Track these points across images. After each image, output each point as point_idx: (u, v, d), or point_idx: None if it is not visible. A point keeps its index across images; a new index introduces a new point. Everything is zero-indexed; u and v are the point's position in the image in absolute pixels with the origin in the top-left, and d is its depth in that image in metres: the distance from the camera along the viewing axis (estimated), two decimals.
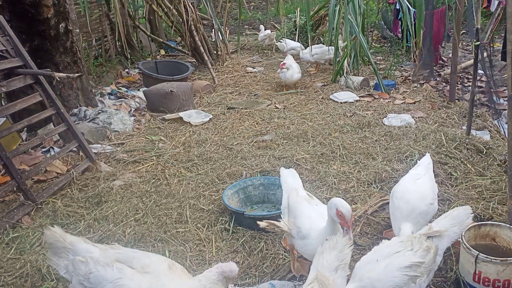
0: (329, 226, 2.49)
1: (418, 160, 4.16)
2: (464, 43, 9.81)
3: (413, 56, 7.54)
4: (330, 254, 2.19)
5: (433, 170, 3.27)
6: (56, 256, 2.39)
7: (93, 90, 6.49)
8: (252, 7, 16.70)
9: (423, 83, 7.17)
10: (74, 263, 2.29)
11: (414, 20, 6.72)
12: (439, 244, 2.43)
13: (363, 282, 2.22)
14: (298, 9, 10.36)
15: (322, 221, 2.60)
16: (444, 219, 2.55)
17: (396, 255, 2.30)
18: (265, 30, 10.51)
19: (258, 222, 2.68)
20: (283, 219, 2.80)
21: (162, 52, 10.56)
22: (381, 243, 2.45)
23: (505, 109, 5.21)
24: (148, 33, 9.63)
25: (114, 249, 2.37)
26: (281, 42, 9.24)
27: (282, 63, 6.99)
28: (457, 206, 3.44)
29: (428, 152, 3.48)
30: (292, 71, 6.88)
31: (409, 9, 6.67)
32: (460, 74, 7.62)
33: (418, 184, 3.02)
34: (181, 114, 5.89)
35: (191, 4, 8.11)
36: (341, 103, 6.19)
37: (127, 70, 8.74)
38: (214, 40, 9.35)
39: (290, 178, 3.08)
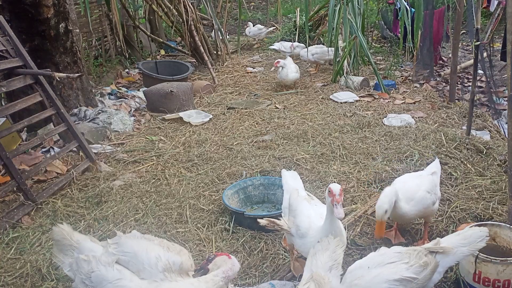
0: (327, 221, 2.50)
1: (418, 160, 4.19)
2: (464, 43, 9.81)
3: (410, 55, 7.54)
4: (323, 255, 2.19)
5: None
6: (61, 253, 2.41)
7: (93, 90, 6.49)
8: (252, 7, 16.70)
9: (423, 83, 7.17)
10: (77, 261, 2.30)
11: (412, 20, 6.73)
12: (442, 261, 2.31)
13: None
14: (298, 9, 10.37)
15: (321, 220, 2.61)
16: (455, 236, 2.42)
17: (389, 266, 2.24)
18: (253, 26, 10.90)
19: (259, 220, 2.68)
20: (283, 218, 2.81)
21: (162, 52, 10.56)
22: (378, 250, 2.40)
23: (505, 109, 5.21)
24: (148, 33, 9.62)
25: (114, 243, 2.36)
26: (278, 45, 9.08)
27: (276, 61, 7.01)
28: (457, 206, 3.46)
29: (435, 157, 3.49)
30: (287, 70, 6.89)
31: (406, 9, 6.68)
32: (460, 74, 7.62)
33: (418, 177, 3.12)
34: (181, 114, 5.89)
35: (191, 4, 8.11)
36: (341, 103, 6.19)
37: (127, 70, 8.74)
38: (214, 39, 9.35)
39: (291, 180, 3.10)
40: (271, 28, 11.05)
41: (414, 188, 2.97)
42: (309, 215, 2.70)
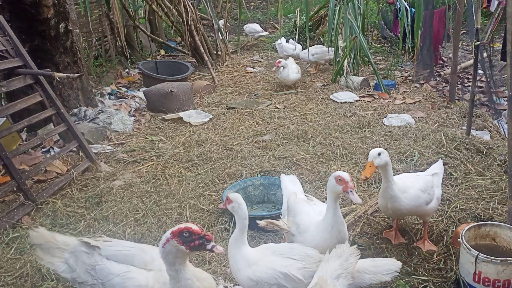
0: (330, 212, 2.50)
1: (418, 160, 4.19)
2: (464, 43, 9.81)
3: (409, 56, 7.55)
4: (335, 262, 2.19)
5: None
6: (48, 255, 2.38)
7: (93, 90, 6.49)
8: (252, 7, 16.69)
9: (423, 83, 7.17)
10: (77, 254, 2.30)
11: (413, 20, 6.72)
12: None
13: (256, 265, 2.35)
14: (298, 9, 10.36)
15: (321, 217, 2.62)
16: (369, 262, 2.37)
17: (287, 259, 2.34)
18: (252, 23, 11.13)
19: (258, 222, 2.69)
20: (282, 219, 2.82)
21: (162, 52, 10.56)
22: (291, 244, 2.55)
23: (505, 109, 5.21)
24: (148, 33, 9.62)
25: (107, 241, 2.37)
26: (279, 48, 9.06)
27: (277, 61, 7.01)
28: (457, 206, 3.46)
29: (439, 158, 3.48)
30: (288, 70, 6.89)
31: (406, 9, 6.67)
32: (460, 74, 7.62)
33: (415, 176, 3.11)
34: (181, 114, 5.89)
35: (191, 4, 8.11)
36: (341, 103, 6.19)
37: (127, 70, 8.74)
38: (214, 39, 9.34)
39: (290, 184, 3.12)
40: (265, 33, 11.07)
41: (409, 185, 2.97)
42: (308, 212, 2.72)
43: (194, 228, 1.93)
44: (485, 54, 5.06)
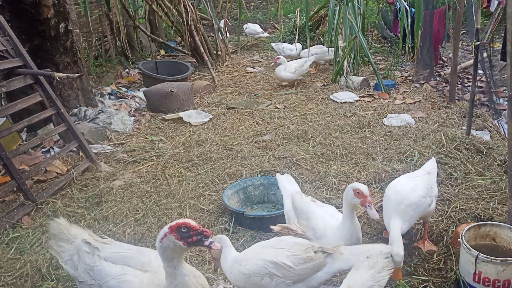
0: (347, 220, 2.50)
1: (418, 160, 4.19)
2: (464, 43, 9.81)
3: (409, 56, 7.55)
4: (367, 272, 2.13)
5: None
6: (58, 245, 2.43)
7: (93, 90, 6.49)
8: (252, 7, 16.69)
9: (423, 83, 7.17)
10: (79, 253, 2.32)
11: (413, 20, 6.72)
12: (330, 263, 2.33)
13: (246, 260, 2.39)
14: (298, 9, 10.36)
15: (334, 220, 2.63)
16: (357, 249, 2.36)
17: (276, 250, 2.36)
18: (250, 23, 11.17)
19: (272, 227, 2.67)
20: (293, 222, 2.80)
21: (162, 52, 10.56)
22: (280, 237, 2.57)
23: (505, 109, 5.21)
24: (148, 33, 9.62)
25: (107, 243, 2.39)
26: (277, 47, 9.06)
27: (276, 57, 7.16)
28: (457, 206, 3.46)
29: (434, 156, 3.47)
30: (283, 67, 7.00)
31: (406, 9, 6.66)
32: (460, 74, 7.62)
33: (412, 179, 3.03)
34: (181, 114, 5.89)
35: (191, 4, 8.11)
36: (341, 103, 6.19)
37: (127, 70, 8.74)
38: (214, 39, 9.33)
39: (288, 184, 3.12)
40: (265, 34, 11.04)
41: (409, 195, 2.82)
42: (322, 215, 2.71)
43: (192, 224, 1.92)
44: (485, 54, 5.06)
